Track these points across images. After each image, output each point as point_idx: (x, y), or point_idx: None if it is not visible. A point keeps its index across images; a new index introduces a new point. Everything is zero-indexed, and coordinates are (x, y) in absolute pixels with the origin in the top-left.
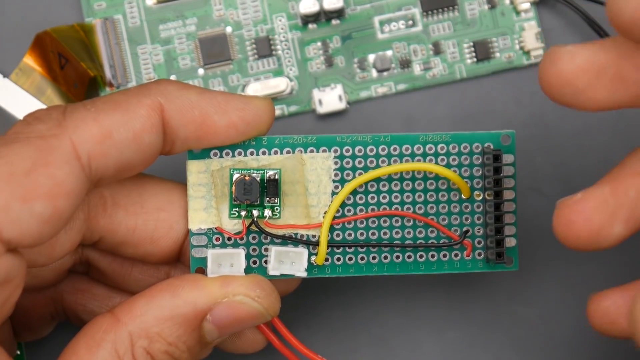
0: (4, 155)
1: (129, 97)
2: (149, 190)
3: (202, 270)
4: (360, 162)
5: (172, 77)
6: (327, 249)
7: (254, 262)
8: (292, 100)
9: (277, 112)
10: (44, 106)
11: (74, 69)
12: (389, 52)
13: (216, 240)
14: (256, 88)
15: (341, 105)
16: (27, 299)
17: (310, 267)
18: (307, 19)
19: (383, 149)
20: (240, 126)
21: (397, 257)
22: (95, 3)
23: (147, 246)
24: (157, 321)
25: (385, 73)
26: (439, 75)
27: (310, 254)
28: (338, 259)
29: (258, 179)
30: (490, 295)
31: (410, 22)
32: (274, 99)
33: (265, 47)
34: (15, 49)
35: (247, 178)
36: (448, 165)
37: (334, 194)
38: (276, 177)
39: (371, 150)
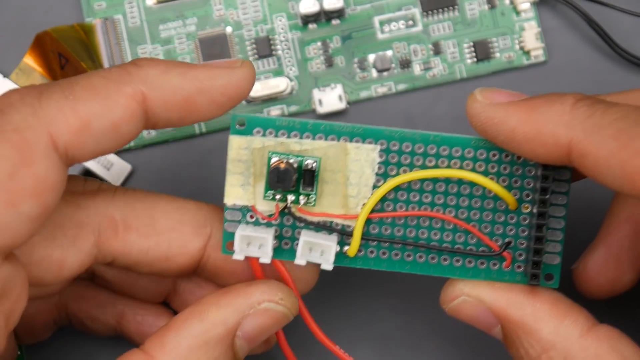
0: None
1: (108, 83)
2: (160, 211)
3: (231, 245)
4: (406, 159)
5: None
6: (362, 241)
7: (286, 244)
8: (292, 100)
9: (277, 112)
10: None
11: (74, 69)
12: (389, 52)
13: (250, 217)
14: (256, 88)
15: (341, 105)
16: (31, 306)
17: (341, 256)
18: (307, 19)
19: (432, 148)
20: (223, 101)
21: (433, 258)
22: (95, 3)
23: (162, 264)
24: (192, 350)
25: (385, 73)
26: (439, 75)
27: (341, 245)
28: (371, 252)
29: (295, 165)
30: None
31: (410, 22)
32: (274, 99)
33: (265, 47)
34: (15, 49)
35: (282, 166)
36: (498, 174)
37: (375, 187)
38: (314, 166)
39: (419, 147)
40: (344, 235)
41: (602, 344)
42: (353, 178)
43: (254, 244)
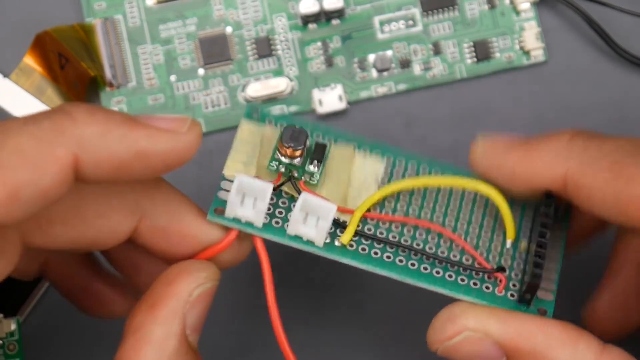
0: None
1: (39, 146)
2: (86, 198)
3: (221, 211)
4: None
5: (172, 77)
6: (356, 236)
7: (280, 213)
8: (292, 100)
9: (277, 112)
10: (44, 106)
11: (74, 69)
12: (389, 52)
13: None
14: (256, 88)
15: (341, 105)
16: None
17: (332, 247)
18: (307, 19)
19: (436, 172)
20: (160, 168)
21: (425, 268)
22: (95, 3)
23: (92, 247)
24: None
25: (385, 73)
26: (439, 75)
27: (333, 237)
28: (363, 249)
29: (308, 137)
30: None
31: (410, 22)
32: (274, 99)
33: (265, 47)
34: (15, 49)
35: (297, 127)
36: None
37: None
38: (326, 143)
39: (424, 168)
40: (339, 227)
41: None
42: (355, 182)
43: (249, 198)
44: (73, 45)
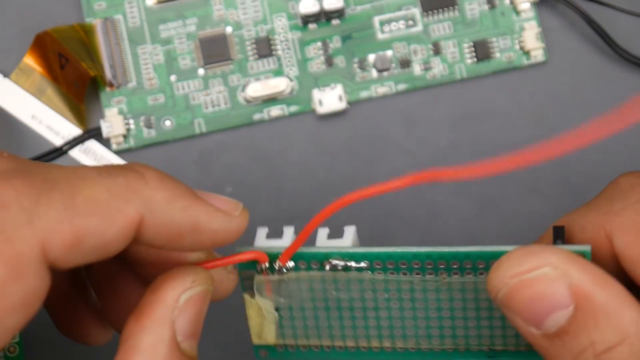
0: None
1: (112, 200)
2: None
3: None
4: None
5: (172, 78)
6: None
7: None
8: (292, 100)
9: (277, 112)
10: (44, 106)
11: (74, 69)
12: (389, 52)
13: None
14: (256, 88)
15: (341, 105)
16: None
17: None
18: (307, 19)
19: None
20: (207, 244)
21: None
22: (95, 3)
23: (101, 251)
24: None
25: (385, 73)
26: (439, 75)
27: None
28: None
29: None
30: None
31: (410, 22)
32: (274, 99)
33: (265, 47)
34: (15, 49)
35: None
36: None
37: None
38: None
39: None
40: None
41: None
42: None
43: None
44: (73, 45)
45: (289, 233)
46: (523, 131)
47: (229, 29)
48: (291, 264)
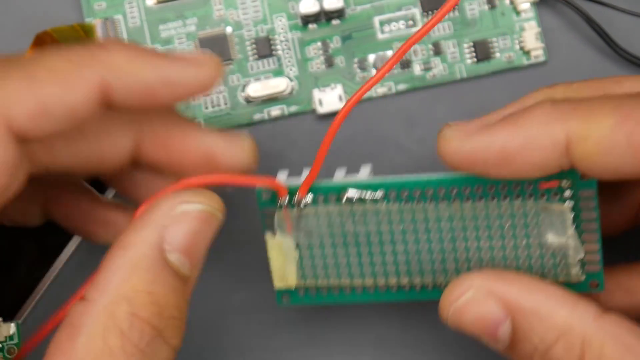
0: None
1: (71, 67)
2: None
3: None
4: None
5: None
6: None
7: None
8: (292, 100)
9: (277, 112)
10: None
11: None
12: (389, 52)
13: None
14: (256, 88)
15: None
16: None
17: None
18: (307, 19)
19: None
20: (183, 95)
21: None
22: (95, 3)
23: (99, 169)
24: (125, 281)
25: None
26: (439, 75)
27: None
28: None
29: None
30: None
31: (410, 22)
32: (274, 99)
33: (265, 47)
34: (15, 49)
35: None
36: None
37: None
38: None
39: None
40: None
41: (618, 325)
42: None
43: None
44: (73, 45)
45: (307, 172)
46: None
47: (229, 29)
48: (309, 197)
